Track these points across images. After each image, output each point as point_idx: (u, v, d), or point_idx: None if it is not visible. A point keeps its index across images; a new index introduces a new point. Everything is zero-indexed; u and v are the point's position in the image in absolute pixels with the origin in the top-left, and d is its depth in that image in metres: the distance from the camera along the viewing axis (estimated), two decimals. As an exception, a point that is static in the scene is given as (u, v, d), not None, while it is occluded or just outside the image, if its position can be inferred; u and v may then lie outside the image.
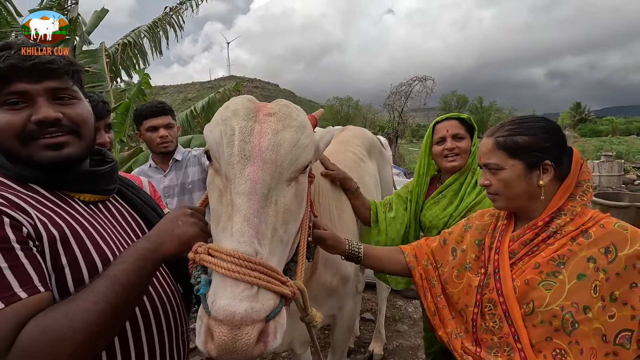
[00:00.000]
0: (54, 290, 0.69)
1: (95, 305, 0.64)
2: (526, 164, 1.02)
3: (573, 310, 0.90)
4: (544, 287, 0.94)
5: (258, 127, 0.85)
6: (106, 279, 0.68)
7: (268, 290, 0.73)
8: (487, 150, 1.08)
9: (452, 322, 1.17)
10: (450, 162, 1.64)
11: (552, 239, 1.00)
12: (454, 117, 1.67)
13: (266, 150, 0.83)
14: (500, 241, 1.10)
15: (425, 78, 12.59)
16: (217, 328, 0.67)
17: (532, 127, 1.05)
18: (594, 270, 0.91)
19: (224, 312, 0.67)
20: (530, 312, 0.95)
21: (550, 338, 0.94)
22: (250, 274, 0.71)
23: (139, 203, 0.99)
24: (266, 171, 0.82)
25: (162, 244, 0.77)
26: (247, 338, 0.67)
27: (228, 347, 0.66)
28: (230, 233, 0.76)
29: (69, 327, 0.61)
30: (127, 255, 0.73)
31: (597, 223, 0.97)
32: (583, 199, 1.02)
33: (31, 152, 0.75)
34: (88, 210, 0.83)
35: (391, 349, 2.94)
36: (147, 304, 0.85)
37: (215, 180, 0.87)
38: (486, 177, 1.10)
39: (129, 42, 4.74)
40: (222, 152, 0.84)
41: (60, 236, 0.72)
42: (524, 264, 1.01)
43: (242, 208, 0.77)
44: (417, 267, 1.28)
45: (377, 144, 2.77)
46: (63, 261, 0.71)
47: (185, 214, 0.84)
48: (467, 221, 1.27)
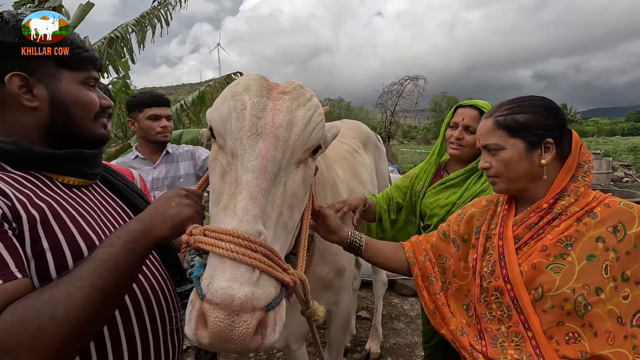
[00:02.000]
0: (34, 277, 0.63)
1: (80, 291, 0.58)
2: (527, 142, 0.99)
3: (585, 292, 0.87)
4: (553, 270, 0.91)
5: (271, 104, 0.82)
6: (92, 262, 0.62)
7: (269, 275, 0.67)
8: (486, 131, 1.05)
9: (454, 320, 1.12)
10: (452, 149, 1.62)
11: (557, 220, 0.97)
12: (476, 105, 1.59)
13: (279, 127, 0.79)
14: (503, 226, 1.06)
15: (417, 77, 12.67)
16: (212, 313, 0.60)
17: (532, 105, 1.02)
18: (604, 250, 0.89)
19: (222, 295, 0.60)
20: (540, 297, 0.91)
21: (562, 322, 0.90)
22: (252, 255, 0.64)
23: (124, 189, 0.94)
24: (278, 149, 0.78)
25: (154, 225, 0.72)
26: (246, 327, 0.60)
27: (223, 334, 0.59)
28: (232, 211, 0.71)
29: (51, 315, 0.55)
30: (116, 237, 0.68)
31: (601, 202, 0.95)
32: (585, 179, 0.99)
33: (95, 128, 0.84)
34: (70, 194, 0.78)
35: (388, 347, 2.89)
36: (138, 294, 0.79)
37: (219, 157, 0.82)
38: (486, 160, 1.06)
39: (115, 37, 4.61)
40: (230, 127, 0.80)
41: (41, 217, 0.66)
42: (529, 248, 0.98)
43: (250, 185, 0.72)
44: (415, 263, 1.25)
45: (372, 137, 2.72)
46: (44, 245, 0.65)
47: (179, 194, 0.79)
48: (462, 210, 1.24)
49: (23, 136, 0.75)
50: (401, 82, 12.92)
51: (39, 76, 0.76)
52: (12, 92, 0.73)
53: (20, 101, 0.74)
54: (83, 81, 0.82)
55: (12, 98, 0.74)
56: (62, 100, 0.78)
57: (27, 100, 0.75)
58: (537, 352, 0.91)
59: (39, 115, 0.77)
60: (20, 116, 0.76)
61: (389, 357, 2.78)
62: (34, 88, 0.75)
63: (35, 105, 0.76)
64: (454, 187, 1.62)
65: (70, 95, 0.79)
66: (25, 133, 0.76)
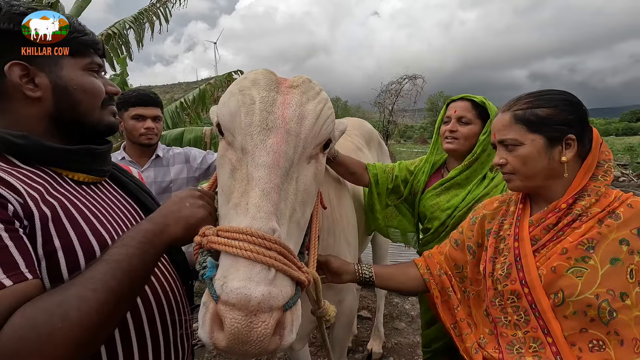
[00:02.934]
0: (45, 277, 0.61)
1: (94, 294, 0.56)
2: (547, 138, 0.95)
3: (609, 297, 0.83)
4: (574, 275, 0.87)
5: (281, 99, 0.80)
6: (105, 263, 0.61)
7: (285, 274, 0.65)
8: (504, 126, 1.00)
9: (470, 337, 1.09)
10: (447, 143, 1.58)
11: (578, 221, 0.92)
12: (467, 98, 1.57)
13: (290, 121, 0.78)
14: (518, 227, 1.01)
15: (415, 76, 12.67)
16: (229, 314, 0.58)
17: (552, 99, 0.98)
18: (628, 253, 0.85)
19: (238, 295, 0.58)
20: (561, 303, 0.87)
21: (586, 329, 0.86)
22: (266, 254, 0.63)
23: (133, 187, 0.91)
24: (290, 144, 0.76)
25: (167, 226, 0.70)
26: (264, 327, 0.58)
27: (241, 336, 0.58)
28: (244, 209, 0.69)
29: (63, 319, 0.53)
30: (129, 237, 0.66)
31: (623, 203, 0.91)
32: (606, 179, 0.95)
33: (104, 116, 0.82)
34: (81, 191, 0.76)
35: (390, 346, 2.87)
36: (149, 294, 0.78)
37: (228, 154, 0.80)
38: (501, 155, 1.01)
39: (113, 33, 4.55)
40: (239, 122, 0.78)
41: (52, 215, 0.64)
42: (548, 251, 0.93)
43: (262, 181, 0.70)
44: (430, 279, 1.20)
45: (375, 135, 2.71)
46: (56, 244, 0.63)
47: (193, 195, 0.78)
48: (473, 214, 1.20)
49: (29, 129, 0.72)
50: (399, 81, 12.93)
51: (40, 64, 0.73)
52: (13, 82, 0.70)
53: (23, 91, 0.71)
54: (86, 67, 0.79)
55: (14, 89, 0.71)
56: (65, 88, 0.75)
57: (30, 90, 0.71)
58: (558, 358, 0.87)
59: (44, 106, 0.73)
60: (24, 108, 0.72)
61: (390, 357, 2.76)
62: (36, 77, 0.72)
63: (39, 95, 0.72)
64: (455, 189, 1.57)
65: (74, 82, 0.76)
66: (31, 126, 0.73)
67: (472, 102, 1.55)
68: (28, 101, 0.72)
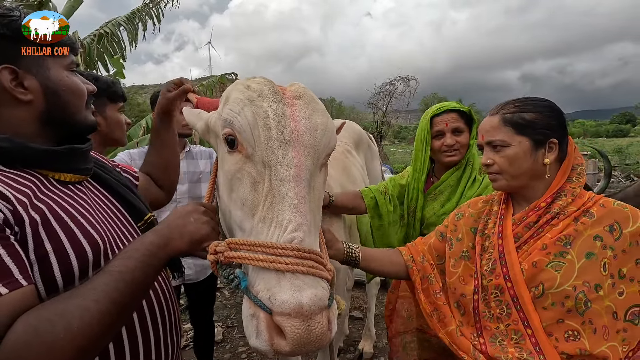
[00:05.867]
0: (38, 281, 0.61)
1: (96, 304, 0.57)
2: (533, 141, 1.01)
3: (585, 289, 0.90)
4: (553, 268, 0.94)
5: (289, 111, 0.82)
6: (108, 274, 0.61)
7: (320, 277, 0.71)
8: (492, 128, 1.06)
9: (453, 320, 1.13)
10: (449, 157, 1.57)
11: (556, 219, 0.99)
12: (452, 109, 1.58)
13: (304, 134, 0.81)
14: (501, 225, 1.08)
15: (408, 78, 12.74)
16: (287, 322, 0.64)
17: (538, 105, 1.05)
18: (602, 248, 0.92)
19: (290, 305, 0.64)
20: (540, 295, 0.94)
21: (562, 320, 0.92)
22: (306, 264, 0.69)
23: (114, 183, 0.91)
24: (308, 156, 0.80)
25: (172, 239, 0.71)
26: (321, 327, 0.66)
27: (303, 339, 0.64)
28: (274, 222, 0.73)
29: (66, 329, 0.54)
30: (133, 249, 0.67)
31: (596, 203, 0.98)
32: (580, 180, 1.03)
33: (88, 115, 0.83)
34: (67, 192, 0.75)
35: (381, 346, 2.90)
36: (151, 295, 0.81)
37: (246, 168, 0.80)
38: (489, 156, 1.07)
39: (105, 33, 4.52)
40: (258, 136, 0.79)
41: (42, 219, 0.64)
42: (529, 247, 1.00)
43: (289, 195, 0.74)
44: (413, 265, 1.25)
45: (364, 137, 2.72)
46: (47, 247, 0.63)
47: (198, 211, 0.79)
48: (458, 210, 1.26)
49: (18, 132, 0.71)
50: (393, 83, 12.99)
51: (27, 67, 0.72)
52: (4, 87, 0.69)
53: (14, 96, 0.71)
54: (67, 67, 0.79)
55: (4, 93, 0.70)
56: (55, 90, 0.75)
57: (21, 94, 0.71)
58: (537, 349, 0.93)
59: (34, 109, 0.73)
60: (14, 112, 0.72)
61: (381, 356, 2.78)
62: (25, 80, 0.72)
63: (30, 98, 0.72)
64: (448, 192, 1.59)
65: (63, 83, 0.76)
66: (20, 129, 0.72)
67: (459, 112, 1.57)
68: (18, 105, 0.72)
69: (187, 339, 2.96)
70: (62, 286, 0.64)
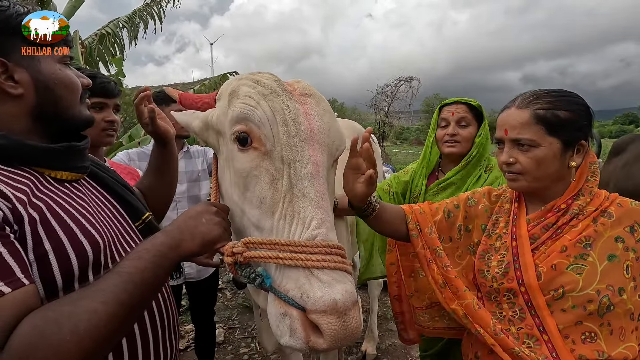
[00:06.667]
0: (38, 281, 0.59)
1: (104, 306, 0.55)
2: (563, 142, 0.93)
3: (609, 293, 0.86)
4: (574, 271, 0.89)
5: (302, 108, 0.82)
6: (117, 276, 0.60)
7: (346, 272, 0.71)
8: (521, 124, 0.94)
9: (469, 293, 1.05)
10: (448, 147, 1.56)
11: (575, 220, 0.94)
12: (462, 101, 1.57)
13: (318, 132, 0.81)
14: (515, 226, 1.02)
15: (410, 78, 12.72)
16: (324, 319, 0.64)
17: (572, 102, 0.96)
18: (624, 250, 0.88)
19: (324, 302, 0.64)
20: (560, 297, 0.90)
21: (581, 322, 0.89)
22: (333, 259, 0.69)
23: (111, 181, 0.89)
24: (324, 154, 0.81)
25: (183, 241, 0.70)
26: (355, 321, 0.67)
27: (340, 335, 0.64)
28: (296, 220, 0.73)
29: (72, 331, 0.52)
30: (144, 250, 0.66)
31: (613, 202, 0.95)
32: (595, 179, 0.98)
33: (83, 110, 0.80)
34: (65, 190, 0.73)
35: (384, 348, 2.87)
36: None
37: (264, 165, 0.79)
38: (512, 155, 0.96)
39: (107, 33, 4.52)
40: (277, 132, 0.78)
41: (40, 217, 0.62)
42: (547, 248, 0.95)
43: (310, 191, 0.75)
44: (419, 235, 1.14)
45: (365, 137, 2.69)
46: (46, 246, 0.61)
47: (210, 211, 0.78)
48: (472, 195, 1.16)
49: (8, 128, 0.69)
50: (395, 83, 12.97)
51: (17, 59, 0.69)
52: None
53: (4, 89, 0.68)
54: (61, 60, 0.76)
55: None
56: (47, 84, 0.72)
57: (11, 88, 0.68)
58: (554, 355, 0.90)
59: (25, 103, 0.71)
60: (4, 107, 0.69)
61: (384, 358, 2.76)
62: (15, 73, 0.68)
63: (20, 92, 0.69)
64: (451, 189, 1.56)
65: (54, 77, 0.73)
66: (10, 124, 0.69)
67: (468, 105, 1.56)
68: (8, 99, 0.69)
69: (188, 340, 2.93)
70: (62, 286, 0.62)
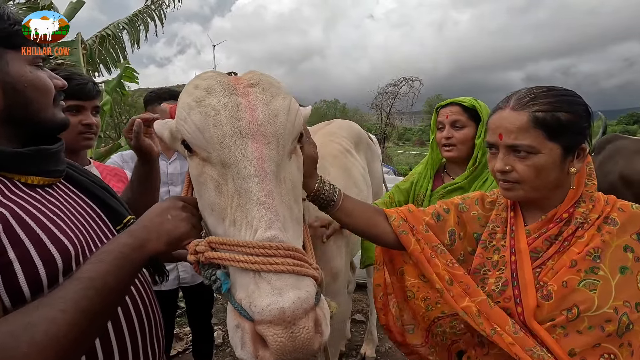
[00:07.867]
0: (2, 292, 0.56)
1: (63, 315, 0.53)
2: (564, 147, 0.84)
3: (627, 310, 0.79)
4: (587, 288, 0.81)
5: (244, 101, 0.76)
6: (77, 281, 0.57)
7: (303, 275, 0.65)
8: (517, 128, 0.84)
9: (480, 291, 0.93)
10: (445, 151, 1.54)
11: (580, 230, 0.86)
12: (456, 102, 1.54)
13: (263, 123, 0.74)
14: (514, 238, 0.93)
15: (412, 79, 12.69)
16: (269, 331, 0.59)
17: (573, 102, 0.86)
18: (634, 260, 0.81)
19: (270, 311, 0.59)
20: (574, 318, 0.81)
21: (599, 344, 0.80)
22: (284, 262, 0.63)
23: (89, 184, 0.85)
24: (270, 146, 0.74)
25: (147, 240, 0.67)
26: (306, 332, 0.60)
27: (287, 348, 0.59)
28: (244, 223, 0.68)
29: (30, 343, 0.49)
30: (104, 252, 0.63)
31: (614, 207, 0.87)
32: (593, 182, 0.91)
33: (57, 113, 0.77)
34: (35, 196, 0.69)
35: (383, 350, 2.85)
36: (127, 299, 0.75)
37: (207, 171, 0.75)
38: (508, 162, 0.87)
39: (107, 35, 4.54)
40: (210, 137, 0.73)
41: (4, 225, 0.59)
42: (554, 263, 0.86)
43: (255, 192, 0.69)
44: (410, 232, 1.03)
45: (364, 137, 2.67)
46: (11, 255, 0.58)
47: (175, 206, 0.74)
48: (463, 201, 1.07)
49: None
50: (396, 84, 12.95)
51: None
52: None
53: None
54: (32, 62, 0.72)
55: None
56: (15, 86, 0.68)
57: None
58: None
59: None
60: None
61: (384, 361, 2.74)
62: None
63: None
64: (458, 192, 1.51)
65: (24, 79, 0.69)
66: None
67: (462, 106, 1.52)
68: None
69: (186, 342, 2.93)
70: (30, 296, 0.59)
